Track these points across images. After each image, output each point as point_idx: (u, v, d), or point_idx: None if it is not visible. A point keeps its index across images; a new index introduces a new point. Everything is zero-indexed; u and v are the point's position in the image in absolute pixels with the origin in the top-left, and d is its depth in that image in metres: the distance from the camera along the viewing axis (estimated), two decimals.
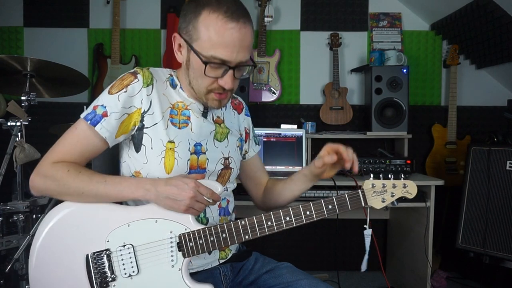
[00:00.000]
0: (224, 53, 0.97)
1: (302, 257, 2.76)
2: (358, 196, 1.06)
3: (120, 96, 1.01)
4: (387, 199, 1.06)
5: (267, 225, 1.02)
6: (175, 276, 0.99)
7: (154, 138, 1.03)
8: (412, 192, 1.07)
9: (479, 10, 2.33)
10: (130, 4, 2.83)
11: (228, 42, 0.96)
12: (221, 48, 0.96)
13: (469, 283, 2.51)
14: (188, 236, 1.00)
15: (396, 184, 1.07)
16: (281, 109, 2.85)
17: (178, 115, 1.07)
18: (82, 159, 1.03)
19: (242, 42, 0.97)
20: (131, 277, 0.99)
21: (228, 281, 1.15)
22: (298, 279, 1.10)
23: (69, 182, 0.98)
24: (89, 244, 0.99)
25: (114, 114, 1.01)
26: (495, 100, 2.82)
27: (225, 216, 1.15)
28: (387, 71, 2.49)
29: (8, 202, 1.71)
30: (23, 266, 1.68)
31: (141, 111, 1.03)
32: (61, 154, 1.01)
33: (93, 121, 1.00)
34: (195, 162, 1.07)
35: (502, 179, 2.10)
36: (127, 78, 1.04)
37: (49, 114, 2.71)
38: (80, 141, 1.02)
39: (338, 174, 2.25)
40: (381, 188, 1.07)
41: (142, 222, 1.01)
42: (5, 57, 1.67)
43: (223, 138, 1.15)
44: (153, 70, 1.08)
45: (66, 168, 0.99)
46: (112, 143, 1.04)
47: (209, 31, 0.96)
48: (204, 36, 0.97)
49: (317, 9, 2.84)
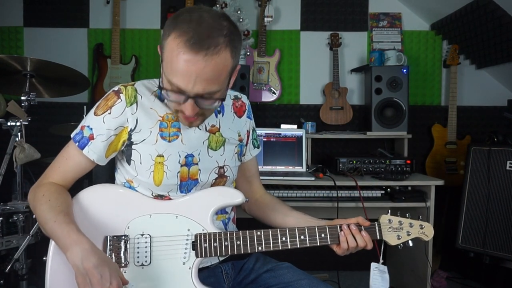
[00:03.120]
0: (179, 82, 0.91)
1: (302, 256, 2.75)
2: (374, 229, 1.08)
3: (105, 118, 1.03)
4: (403, 237, 1.09)
5: (281, 240, 1.05)
6: (184, 274, 1.01)
7: (143, 153, 1.04)
8: (428, 235, 1.09)
9: (479, 10, 2.33)
10: (130, 4, 2.83)
11: (184, 73, 0.89)
12: (177, 76, 0.90)
13: (469, 283, 2.51)
14: (204, 237, 1.02)
15: (413, 223, 1.09)
16: (281, 109, 2.85)
17: (168, 128, 1.06)
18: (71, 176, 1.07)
19: (201, 75, 0.89)
20: (143, 267, 1.01)
21: (230, 279, 1.15)
22: (298, 279, 1.11)
23: (37, 206, 1.00)
24: (110, 226, 1.02)
25: (100, 136, 1.03)
26: (495, 100, 2.81)
27: (223, 215, 1.15)
28: (387, 71, 2.49)
29: (8, 202, 1.71)
30: (23, 266, 1.67)
31: (128, 129, 1.04)
32: (54, 172, 1.06)
33: (81, 144, 1.04)
34: (186, 173, 1.07)
35: (502, 179, 2.10)
36: (111, 98, 1.04)
37: (49, 114, 2.71)
38: (69, 161, 1.07)
39: (338, 174, 2.27)
40: (397, 225, 1.09)
41: (163, 216, 1.04)
42: (5, 57, 1.66)
43: (218, 147, 1.13)
44: (138, 86, 1.06)
45: (44, 192, 1.01)
46: (103, 163, 1.07)
47: (171, 55, 0.90)
48: (167, 59, 0.92)
49: (317, 9, 2.84)
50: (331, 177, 2.12)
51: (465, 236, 2.19)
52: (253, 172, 1.31)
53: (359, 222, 1.08)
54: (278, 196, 2.08)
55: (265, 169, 2.30)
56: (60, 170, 1.06)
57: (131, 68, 2.73)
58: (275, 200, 1.28)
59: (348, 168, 2.27)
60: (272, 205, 1.25)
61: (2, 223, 1.65)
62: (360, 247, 1.06)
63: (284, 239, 1.05)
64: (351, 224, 1.07)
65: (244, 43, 2.74)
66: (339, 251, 1.08)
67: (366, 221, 1.08)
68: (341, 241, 1.06)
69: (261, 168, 2.30)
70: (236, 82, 2.39)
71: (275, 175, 2.14)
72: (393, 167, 2.27)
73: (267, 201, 1.28)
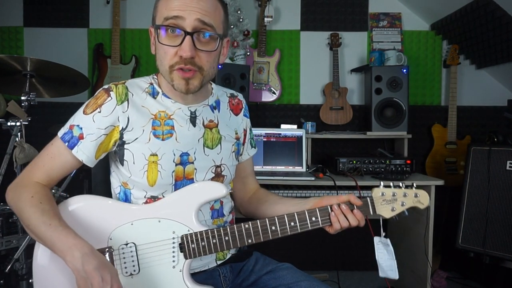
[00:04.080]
0: (175, 10, 0.95)
1: (302, 256, 2.76)
2: (366, 203, 1.03)
3: (94, 117, 1.00)
4: (397, 208, 1.03)
5: (271, 229, 1.00)
6: (176, 277, 0.99)
7: (135, 153, 1.02)
8: (424, 202, 1.03)
9: (479, 10, 2.33)
10: (130, 4, 2.83)
11: (181, 1, 0.95)
12: (172, 6, 0.95)
13: (469, 283, 2.51)
14: (191, 237, 0.99)
15: (407, 193, 1.03)
16: (281, 109, 2.85)
17: (161, 126, 1.04)
18: (56, 176, 1.03)
19: (197, 3, 0.95)
20: (132, 276, 0.99)
21: (228, 282, 1.13)
22: (298, 281, 1.09)
23: (25, 209, 0.95)
24: (92, 240, 0.97)
25: (90, 136, 1.00)
26: (495, 100, 2.81)
27: (219, 218, 1.13)
28: (387, 71, 2.49)
29: None
30: (23, 266, 1.68)
31: (119, 128, 1.01)
32: (38, 171, 1.02)
33: (70, 144, 1.01)
34: (181, 173, 1.05)
35: (502, 179, 2.10)
36: (101, 96, 1.02)
37: (49, 114, 2.71)
38: (56, 160, 1.02)
39: (338, 174, 2.27)
40: (391, 197, 1.03)
41: (145, 221, 1.01)
42: (5, 57, 1.67)
43: (215, 145, 1.11)
44: (129, 84, 1.05)
45: (32, 193, 0.97)
46: (92, 164, 1.04)
47: (164, 0, 0.98)
48: (161, 6, 0.99)
49: (317, 9, 2.84)
50: (331, 177, 2.12)
51: (465, 236, 2.19)
52: (248, 172, 1.29)
53: (350, 200, 1.03)
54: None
55: (265, 169, 2.30)
56: (45, 169, 1.01)
57: (131, 68, 2.73)
58: (266, 192, 1.26)
59: (348, 168, 2.27)
60: (263, 198, 1.22)
61: (2, 223, 1.65)
62: (353, 226, 1.01)
63: (274, 228, 1.00)
64: (341, 204, 1.02)
65: (244, 43, 2.74)
66: (331, 231, 1.03)
67: (357, 200, 1.02)
68: (333, 222, 1.01)
69: (261, 168, 2.30)
70: (236, 82, 2.42)
71: (275, 175, 2.13)
72: (393, 167, 2.27)
73: (259, 195, 1.25)
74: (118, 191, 1.09)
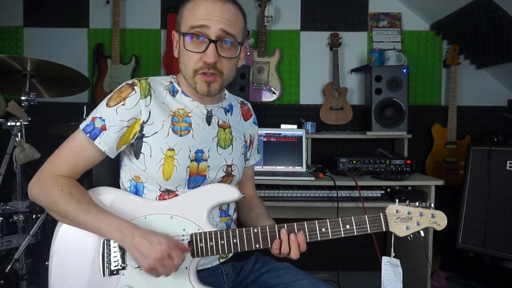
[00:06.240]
0: (201, 20, 1.00)
1: (302, 256, 2.75)
2: (379, 219, 1.01)
3: (118, 109, 1.02)
4: (412, 227, 1.00)
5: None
6: (181, 274, 1.01)
7: (153, 146, 1.04)
8: (441, 224, 1.00)
9: (479, 10, 2.33)
10: (130, 4, 2.83)
11: (206, 11, 1.01)
12: (198, 15, 1.01)
13: (469, 283, 2.51)
14: (200, 236, 1.01)
15: (423, 212, 1.00)
16: (281, 109, 2.85)
17: (179, 122, 1.07)
18: (81, 169, 1.05)
19: (221, 14, 1.01)
20: (140, 269, 1.00)
21: (230, 280, 1.15)
22: (298, 279, 1.11)
23: (58, 201, 0.98)
24: None
25: (112, 127, 1.02)
26: (495, 100, 2.81)
27: (226, 217, 1.15)
28: (387, 71, 2.49)
29: (8, 202, 1.71)
30: (23, 266, 1.68)
31: (140, 121, 1.04)
32: (62, 165, 1.03)
33: (92, 135, 1.02)
34: (195, 169, 1.07)
35: (502, 179, 2.10)
36: (125, 90, 1.04)
37: (49, 114, 2.71)
38: (79, 153, 1.04)
39: (338, 174, 2.27)
40: (405, 215, 1.00)
41: (158, 216, 1.03)
42: (5, 57, 1.66)
43: (227, 145, 1.15)
44: (151, 80, 1.09)
45: (61, 186, 0.99)
46: (113, 155, 1.06)
47: (192, 7, 1.03)
48: (186, 14, 1.04)
49: (317, 9, 2.84)
50: (331, 177, 2.12)
51: (465, 236, 2.19)
52: (248, 177, 1.32)
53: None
54: (278, 196, 2.09)
55: (265, 169, 2.30)
56: (69, 163, 1.03)
57: (131, 68, 2.73)
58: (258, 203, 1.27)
59: (348, 168, 2.27)
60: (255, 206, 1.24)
61: (2, 223, 1.65)
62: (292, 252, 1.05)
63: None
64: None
65: None
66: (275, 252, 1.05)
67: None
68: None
69: (261, 168, 2.31)
70: (236, 82, 2.41)
71: (275, 175, 2.14)
72: (393, 167, 2.27)
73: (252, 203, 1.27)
74: (129, 185, 1.10)
